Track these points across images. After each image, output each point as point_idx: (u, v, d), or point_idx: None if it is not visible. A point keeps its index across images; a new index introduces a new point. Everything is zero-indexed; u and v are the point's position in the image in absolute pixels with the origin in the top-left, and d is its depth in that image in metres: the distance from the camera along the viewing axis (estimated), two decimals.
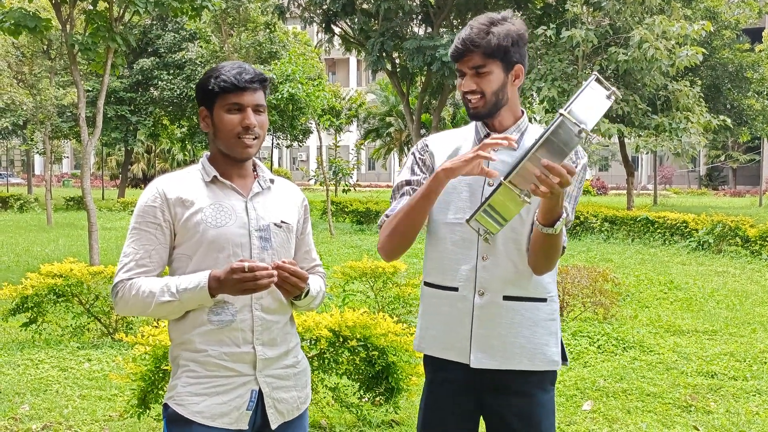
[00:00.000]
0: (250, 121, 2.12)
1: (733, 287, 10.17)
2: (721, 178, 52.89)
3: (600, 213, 17.31)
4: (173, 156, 51.30)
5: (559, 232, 2.07)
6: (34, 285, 6.26)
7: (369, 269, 7.09)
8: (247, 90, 2.12)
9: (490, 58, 2.16)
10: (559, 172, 1.85)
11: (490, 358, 2.22)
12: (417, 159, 2.34)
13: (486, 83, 2.17)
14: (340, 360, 4.32)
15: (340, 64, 67.24)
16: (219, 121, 2.13)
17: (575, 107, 1.84)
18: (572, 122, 1.81)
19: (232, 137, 2.13)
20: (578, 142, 1.85)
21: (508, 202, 1.92)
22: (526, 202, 1.90)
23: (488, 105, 2.19)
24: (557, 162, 1.85)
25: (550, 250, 2.13)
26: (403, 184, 2.32)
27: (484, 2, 21.41)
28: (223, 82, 2.10)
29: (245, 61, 22.46)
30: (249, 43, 23.51)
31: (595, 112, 1.87)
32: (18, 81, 21.97)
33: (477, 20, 2.19)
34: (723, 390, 5.36)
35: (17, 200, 27.08)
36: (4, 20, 9.20)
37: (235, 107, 2.12)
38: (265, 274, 1.97)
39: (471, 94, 2.19)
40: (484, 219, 1.97)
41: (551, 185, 1.86)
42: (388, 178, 62.01)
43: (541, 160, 1.84)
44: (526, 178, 1.87)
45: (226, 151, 2.16)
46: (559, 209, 2.02)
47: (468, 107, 2.23)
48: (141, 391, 4.00)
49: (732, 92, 25.17)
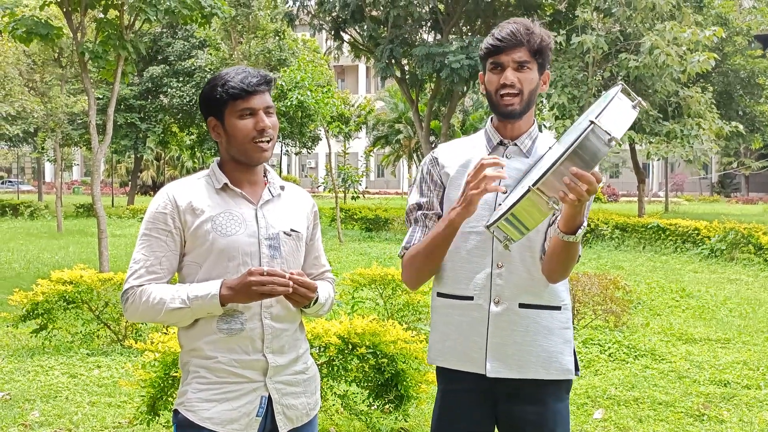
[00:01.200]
0: (265, 123, 2.12)
1: (746, 295, 10.09)
2: (733, 185, 52.60)
3: (611, 220, 17.24)
4: (182, 163, 51.53)
5: (579, 240, 2.05)
6: (44, 292, 6.27)
7: (378, 276, 7.07)
8: (257, 93, 2.11)
9: (533, 56, 2.15)
10: (589, 179, 1.83)
11: (506, 368, 2.20)
12: (424, 176, 2.32)
13: (527, 81, 2.16)
14: (349, 367, 4.30)
15: (349, 71, 67.41)
16: (232, 128, 2.12)
17: (606, 115, 1.82)
18: (603, 131, 1.79)
19: (247, 142, 2.12)
20: (607, 151, 1.83)
21: (533, 210, 1.89)
22: (554, 209, 1.88)
23: (523, 104, 2.17)
24: (586, 170, 1.83)
25: (568, 258, 2.11)
26: (414, 207, 2.31)
27: (493, 9, 21.41)
28: (232, 89, 2.09)
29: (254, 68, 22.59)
30: (258, 51, 23.59)
31: (623, 122, 1.85)
32: (29, 89, 22.09)
33: (518, 20, 2.18)
34: (736, 399, 5.30)
35: (28, 207, 27.21)
36: (16, 28, 9.27)
37: (247, 112, 2.11)
38: (281, 281, 1.97)
39: (509, 89, 2.15)
40: (505, 226, 1.94)
41: (580, 193, 1.84)
42: (398, 185, 62.04)
43: (570, 167, 1.82)
44: (554, 185, 1.85)
45: (242, 158, 2.15)
46: (581, 217, 2.01)
47: (500, 104, 2.18)
48: (150, 397, 3.98)
49: (744, 99, 25.07)
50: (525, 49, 2.14)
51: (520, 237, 1.96)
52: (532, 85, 2.17)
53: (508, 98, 2.16)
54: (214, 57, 25.32)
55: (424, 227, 2.28)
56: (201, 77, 27.41)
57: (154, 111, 29.43)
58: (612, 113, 1.84)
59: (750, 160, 44.19)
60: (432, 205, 2.29)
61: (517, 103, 2.16)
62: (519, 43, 2.13)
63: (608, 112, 1.83)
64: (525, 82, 2.15)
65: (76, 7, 9.64)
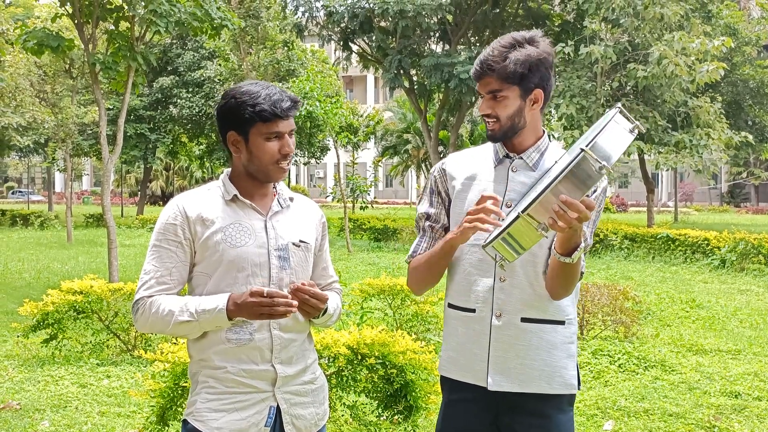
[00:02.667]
0: (291, 148, 2.14)
1: (756, 306, 10.03)
2: (743, 195, 52.34)
3: (620, 230, 17.18)
4: (192, 173, 51.69)
5: (576, 261, 2.05)
6: (54, 302, 6.30)
7: (387, 286, 7.07)
8: (287, 118, 2.12)
9: (506, 82, 2.14)
10: (578, 208, 1.82)
11: (508, 381, 2.20)
12: (432, 189, 2.35)
13: (501, 108, 2.17)
14: (358, 378, 4.30)
15: (358, 82, 67.60)
16: (257, 148, 2.12)
17: (599, 141, 1.82)
18: (594, 158, 1.79)
19: (271, 164, 2.13)
20: (599, 179, 1.82)
21: (524, 234, 1.90)
22: (543, 235, 1.88)
23: (503, 129, 2.19)
24: (577, 197, 1.83)
25: (567, 277, 2.12)
26: (423, 217, 2.35)
27: (501, 20, 21.46)
28: (263, 112, 2.08)
29: (263, 79, 22.58)
30: (267, 61, 23.66)
31: (618, 146, 1.84)
32: (40, 100, 22.24)
33: (498, 42, 2.18)
34: (747, 410, 5.26)
35: (38, 217, 27.37)
36: (28, 40, 9.35)
37: (274, 135, 2.12)
38: (282, 302, 1.97)
39: (487, 117, 2.20)
40: (501, 246, 1.95)
41: (569, 221, 1.83)
42: (406, 195, 62.02)
43: (560, 195, 1.82)
44: (544, 211, 1.85)
45: (261, 176, 2.17)
46: (577, 239, 2.00)
47: (486, 129, 2.24)
48: (160, 408, 3.99)
49: (753, 108, 24.95)
50: (495, 78, 2.14)
51: (515, 257, 1.97)
52: (510, 110, 2.16)
53: (489, 124, 2.21)
54: (224, 68, 25.42)
55: (431, 239, 2.32)
56: (210, 88, 27.54)
57: (164, 121, 29.56)
58: (606, 138, 1.83)
59: (759, 170, 43.96)
60: (439, 218, 2.32)
61: (497, 129, 2.19)
62: (486, 72, 2.14)
63: (602, 137, 1.83)
64: (499, 109, 2.17)
65: (87, 20, 9.72)
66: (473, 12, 21.11)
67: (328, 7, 21.52)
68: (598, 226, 16.89)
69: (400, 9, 19.48)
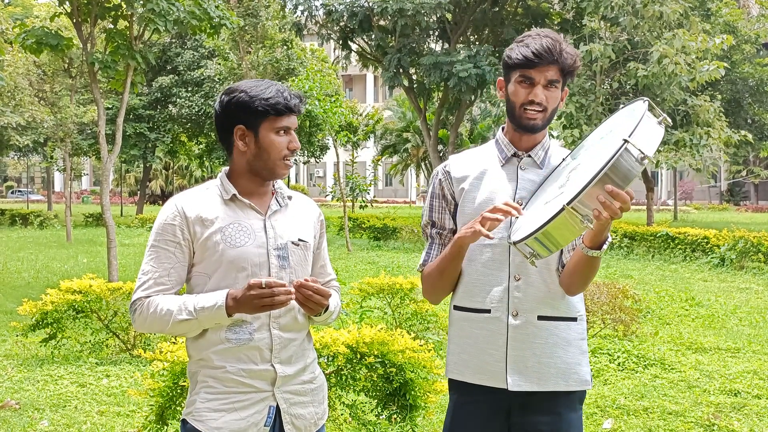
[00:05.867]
0: (297, 144, 2.16)
1: (755, 304, 10.03)
2: (742, 193, 52.35)
3: (619, 228, 17.18)
4: (191, 172, 51.71)
5: (602, 254, 2.07)
6: (53, 301, 6.30)
7: (386, 285, 7.07)
8: (296, 112, 2.15)
9: (563, 74, 2.16)
10: (623, 198, 1.84)
11: (526, 380, 2.19)
12: (436, 193, 2.33)
13: (553, 98, 2.17)
14: (357, 377, 4.30)
15: (357, 81, 67.59)
16: (266, 142, 2.12)
17: (637, 135, 1.83)
18: (636, 149, 1.81)
19: (278, 159, 2.14)
20: (641, 169, 1.85)
21: (565, 228, 1.90)
22: (588, 227, 1.88)
23: (546, 119, 2.19)
24: (621, 188, 1.84)
25: (590, 272, 2.14)
26: (428, 224, 2.34)
27: (501, 18, 21.45)
28: (277, 104, 2.09)
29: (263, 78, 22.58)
30: (267, 60, 23.64)
31: (653, 140, 1.87)
32: (39, 99, 22.23)
33: (546, 34, 2.15)
34: (746, 408, 5.26)
35: (37, 217, 27.35)
36: (27, 38, 9.34)
37: (283, 130, 2.13)
38: (282, 290, 1.97)
39: (536, 105, 2.15)
40: (536, 243, 1.95)
41: (614, 211, 1.85)
42: (405, 194, 62.05)
43: (605, 185, 1.83)
44: (588, 203, 1.86)
45: (265, 173, 2.16)
46: (606, 233, 2.04)
47: (523, 117, 2.18)
48: (159, 407, 3.99)
49: (753, 107, 24.97)
50: (557, 68, 2.13)
51: (548, 254, 1.97)
52: (556, 103, 2.19)
53: (532, 113, 2.16)
54: (223, 67, 25.43)
55: (440, 245, 2.31)
56: (210, 87, 27.52)
57: (163, 121, 29.55)
58: (643, 131, 1.85)
59: (759, 169, 43.96)
60: (444, 224, 2.31)
61: (540, 118, 2.17)
62: (553, 61, 2.12)
63: (639, 130, 1.84)
64: (551, 100, 2.17)
65: (86, 18, 9.72)
66: (472, 10, 21.11)
67: (327, 5, 21.52)
68: None
69: (399, 7, 19.49)
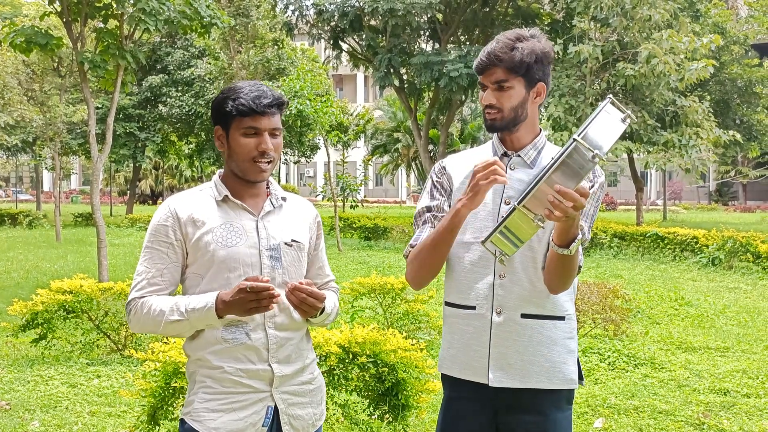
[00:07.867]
0: (267, 146, 2.13)
1: (744, 304, 10.10)
2: (731, 193, 52.62)
3: (609, 229, 17.27)
4: (181, 172, 51.53)
5: (574, 252, 2.06)
6: (44, 301, 6.27)
7: (377, 285, 7.07)
8: (265, 114, 2.12)
9: (513, 73, 2.17)
10: (573, 197, 1.85)
11: (509, 377, 2.21)
12: (435, 183, 2.35)
13: (506, 99, 2.19)
14: (349, 376, 4.30)
15: (348, 80, 67.53)
16: (235, 143, 2.13)
17: (590, 131, 1.84)
18: (586, 147, 1.81)
19: (247, 161, 2.13)
20: (592, 168, 1.85)
21: (523, 226, 1.92)
22: (539, 226, 1.90)
23: (505, 120, 2.21)
24: (571, 187, 1.85)
25: (566, 270, 2.13)
26: (423, 210, 2.33)
27: (491, 19, 21.49)
28: (242, 106, 2.10)
29: (253, 77, 22.52)
30: (257, 60, 23.57)
31: (610, 136, 1.87)
32: (28, 98, 22.09)
33: (504, 35, 2.21)
34: (736, 407, 5.31)
35: (26, 216, 27.16)
36: (16, 37, 9.28)
37: (252, 131, 2.12)
38: (266, 294, 1.97)
39: (489, 108, 2.21)
40: (499, 241, 1.97)
41: (565, 210, 1.86)
42: (396, 194, 62.04)
43: (554, 185, 1.84)
44: (540, 202, 1.87)
45: (240, 174, 2.17)
46: (574, 230, 2.02)
47: (485, 119, 2.25)
48: (151, 407, 3.98)
49: (741, 107, 25.12)
50: (502, 69, 2.16)
51: (514, 251, 1.99)
52: (515, 102, 2.19)
53: (488, 114, 2.22)
54: (214, 66, 25.34)
55: (433, 227, 2.29)
56: (200, 86, 27.42)
57: (153, 120, 29.41)
58: (598, 127, 1.86)
59: (747, 169, 44.22)
60: (442, 209, 2.31)
61: (498, 119, 2.21)
62: (494, 63, 2.17)
63: (594, 126, 1.85)
64: (504, 100, 2.19)
65: (76, 17, 9.67)
66: (463, 11, 21.14)
67: (318, 5, 21.50)
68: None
69: (390, 7, 19.48)
